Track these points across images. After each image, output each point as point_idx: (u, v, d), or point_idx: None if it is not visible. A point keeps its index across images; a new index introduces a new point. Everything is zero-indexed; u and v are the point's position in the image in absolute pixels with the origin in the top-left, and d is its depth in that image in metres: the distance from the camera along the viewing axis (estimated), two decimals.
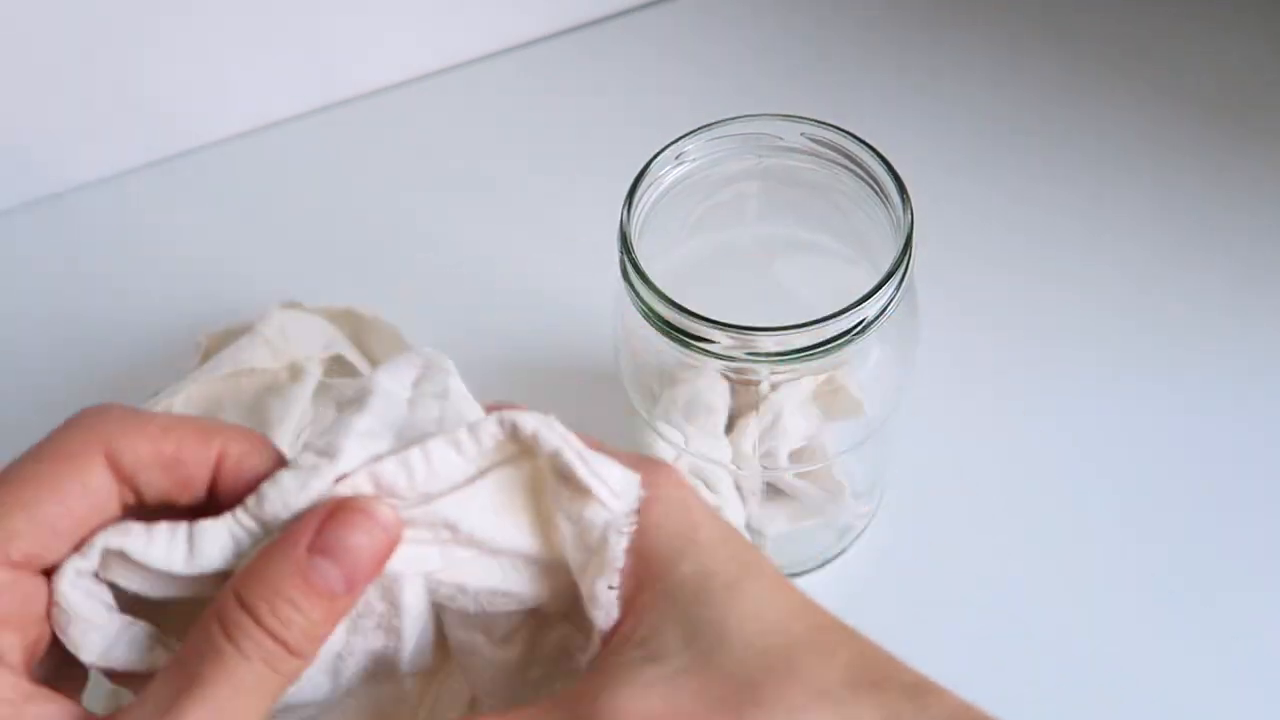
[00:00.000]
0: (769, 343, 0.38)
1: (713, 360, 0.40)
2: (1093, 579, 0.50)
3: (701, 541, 0.28)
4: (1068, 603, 0.49)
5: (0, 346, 0.59)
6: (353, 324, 0.56)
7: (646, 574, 0.28)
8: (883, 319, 0.39)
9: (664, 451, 0.46)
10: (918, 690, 0.26)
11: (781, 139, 0.43)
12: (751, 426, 0.44)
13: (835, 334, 0.38)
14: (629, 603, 0.28)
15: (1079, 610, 0.49)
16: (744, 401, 0.44)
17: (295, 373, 0.51)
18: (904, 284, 0.40)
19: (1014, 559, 0.50)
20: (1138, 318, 0.56)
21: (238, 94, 0.65)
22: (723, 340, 0.39)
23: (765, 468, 0.45)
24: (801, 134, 0.42)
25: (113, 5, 0.58)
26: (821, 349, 0.38)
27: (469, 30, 0.67)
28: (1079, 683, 0.48)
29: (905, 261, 0.39)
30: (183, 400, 0.50)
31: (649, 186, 0.42)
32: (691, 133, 0.42)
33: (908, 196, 0.40)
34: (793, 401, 0.44)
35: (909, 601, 0.50)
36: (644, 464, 0.29)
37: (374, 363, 0.55)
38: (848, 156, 0.42)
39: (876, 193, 0.41)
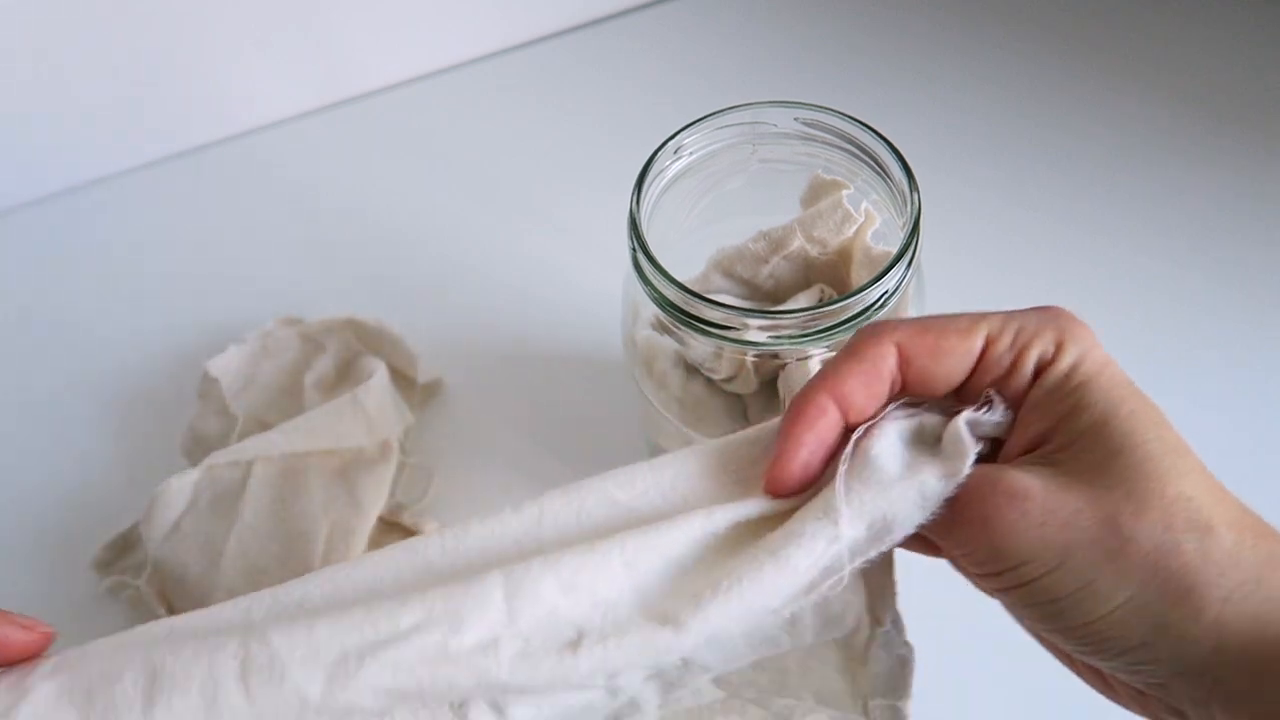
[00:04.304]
0: (794, 325, 0.38)
1: (737, 346, 0.40)
2: None
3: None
4: None
5: (0, 346, 0.60)
6: (360, 332, 0.55)
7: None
8: (905, 285, 0.39)
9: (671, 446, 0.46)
10: None
11: (775, 125, 0.43)
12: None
13: (861, 309, 0.38)
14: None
15: None
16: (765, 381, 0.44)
17: (385, 451, 0.51)
18: (918, 251, 0.40)
19: None
20: (1139, 317, 0.56)
21: (239, 94, 0.65)
22: (752, 325, 0.39)
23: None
24: (795, 119, 0.43)
25: (111, 7, 0.58)
26: (843, 326, 0.39)
27: (469, 30, 0.67)
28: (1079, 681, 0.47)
29: (916, 217, 0.39)
30: (279, 453, 0.50)
31: (653, 180, 0.42)
32: (690, 125, 0.42)
33: (909, 169, 0.40)
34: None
35: (907, 594, 0.50)
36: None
37: (396, 377, 0.55)
38: (840, 136, 0.42)
39: (878, 171, 0.41)
